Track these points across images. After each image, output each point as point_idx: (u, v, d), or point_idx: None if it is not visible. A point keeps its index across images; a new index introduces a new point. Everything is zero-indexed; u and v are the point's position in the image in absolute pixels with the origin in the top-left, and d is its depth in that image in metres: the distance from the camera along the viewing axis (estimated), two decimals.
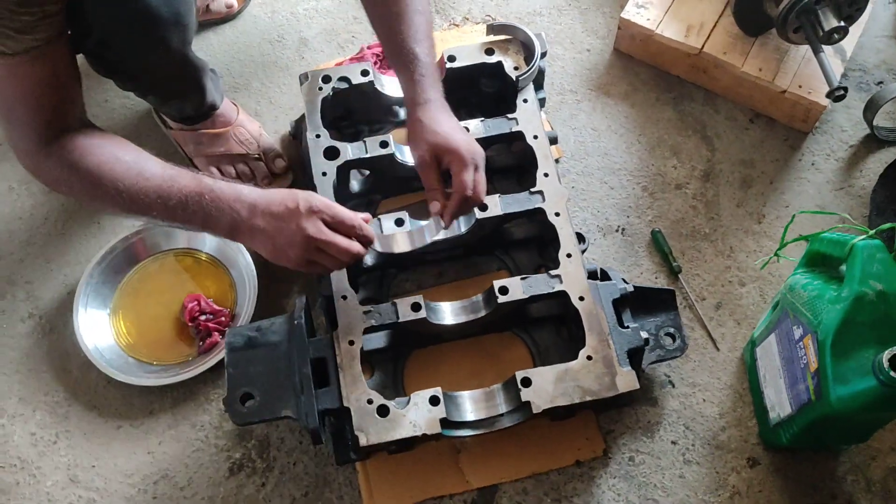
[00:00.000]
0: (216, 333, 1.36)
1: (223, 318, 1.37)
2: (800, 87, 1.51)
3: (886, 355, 0.97)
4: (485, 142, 1.38)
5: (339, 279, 1.25)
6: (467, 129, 1.35)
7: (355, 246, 1.08)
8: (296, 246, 1.05)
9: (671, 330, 1.29)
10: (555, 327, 1.37)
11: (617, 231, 1.48)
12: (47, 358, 1.36)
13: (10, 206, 1.49)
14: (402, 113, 1.53)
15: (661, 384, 1.34)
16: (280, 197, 1.06)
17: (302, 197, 1.06)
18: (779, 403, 1.21)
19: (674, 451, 1.29)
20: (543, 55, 1.43)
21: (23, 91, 0.99)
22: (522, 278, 1.25)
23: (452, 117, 1.18)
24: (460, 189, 1.12)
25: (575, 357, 1.21)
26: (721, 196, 1.51)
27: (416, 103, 1.16)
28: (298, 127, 1.53)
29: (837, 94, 1.38)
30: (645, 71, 1.64)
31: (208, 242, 1.43)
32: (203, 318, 1.36)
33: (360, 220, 1.09)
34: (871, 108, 1.52)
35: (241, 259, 1.39)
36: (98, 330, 1.35)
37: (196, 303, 1.37)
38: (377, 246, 1.16)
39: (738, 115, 1.59)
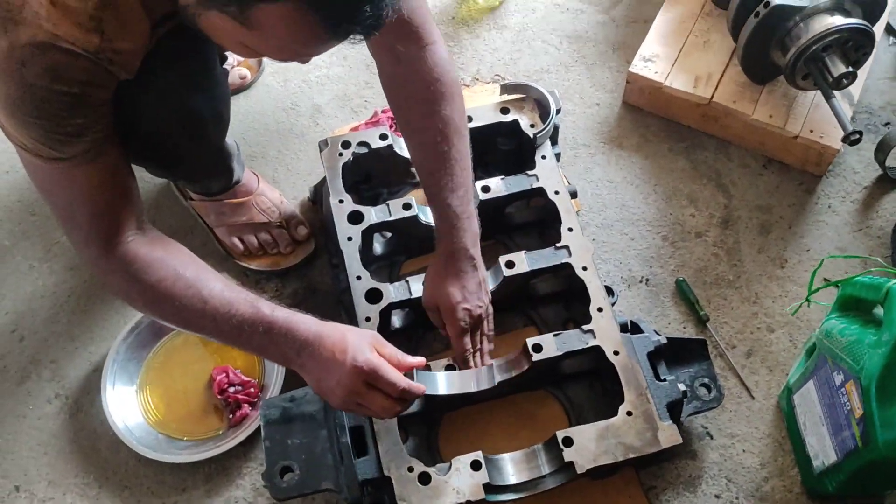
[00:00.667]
0: (246, 405, 1.34)
1: (252, 390, 1.35)
2: (811, 131, 1.53)
3: None
4: (506, 199, 1.40)
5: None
6: (488, 189, 1.37)
7: (396, 408, 1.07)
8: (335, 396, 1.05)
9: (706, 380, 1.29)
10: (588, 383, 1.35)
11: (641, 282, 1.48)
12: (75, 438, 1.34)
13: (32, 285, 1.48)
14: None
15: (699, 436, 1.33)
16: (331, 341, 1.04)
17: (352, 348, 1.04)
18: (822, 451, 1.19)
19: None
20: (558, 111, 1.45)
21: (81, 194, 1.00)
22: (555, 335, 1.24)
23: (472, 271, 1.22)
24: (457, 352, 1.22)
25: (610, 413, 1.20)
26: (741, 242, 1.52)
27: (441, 252, 1.23)
28: (318, 192, 1.54)
29: (853, 138, 1.40)
30: (655, 122, 1.66)
31: None
32: (232, 389, 1.35)
33: (406, 382, 1.05)
34: (882, 149, 1.54)
35: None
36: (126, 407, 1.33)
37: (224, 374, 1.35)
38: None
39: (750, 161, 1.61)
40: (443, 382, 1.19)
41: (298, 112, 1.69)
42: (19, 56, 0.87)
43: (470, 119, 1.43)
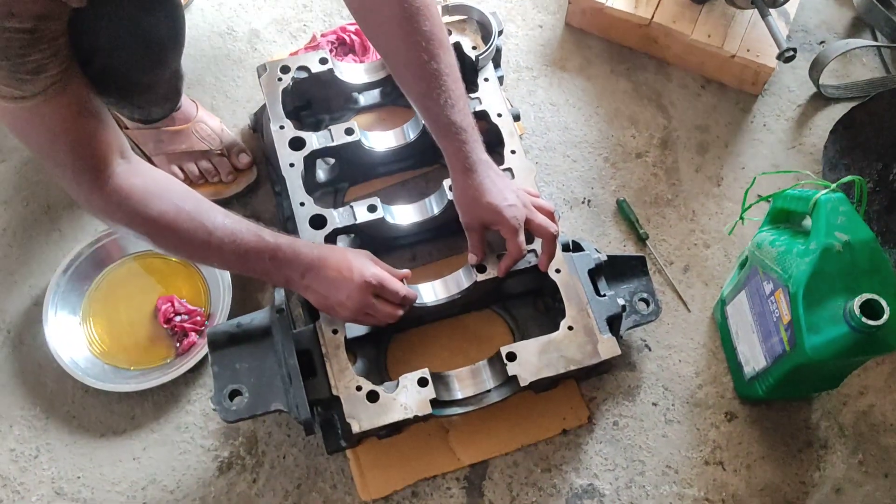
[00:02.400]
0: (193, 334, 1.34)
1: (199, 318, 1.35)
2: (748, 51, 1.55)
3: (857, 302, 1.02)
4: None
5: None
6: None
7: (398, 312, 1.20)
8: (345, 309, 1.15)
9: (645, 295, 1.33)
10: (531, 301, 1.39)
11: (583, 203, 1.50)
12: (20, 372, 1.33)
13: None
14: (363, 99, 1.53)
15: (638, 349, 1.38)
16: (335, 261, 1.15)
17: (356, 266, 1.15)
18: (753, 357, 1.25)
19: (655, 412, 1.33)
20: (500, 33, 1.45)
21: (55, 129, 0.98)
22: (499, 256, 1.26)
23: (497, 177, 1.22)
24: (515, 254, 1.22)
25: (553, 329, 1.24)
26: (680, 162, 1.55)
27: (461, 170, 1.20)
28: (258, 119, 1.52)
29: (787, 56, 1.42)
30: (597, 44, 1.66)
31: None
32: (178, 319, 1.35)
33: (405, 289, 1.19)
34: (816, 68, 1.58)
35: None
36: (70, 339, 1.32)
37: (170, 304, 1.35)
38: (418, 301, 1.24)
39: (689, 82, 1.63)
40: (427, 291, 1.27)
41: (235, 37, 1.65)
42: None
43: None
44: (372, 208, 1.29)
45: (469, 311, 1.37)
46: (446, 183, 1.31)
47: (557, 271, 1.26)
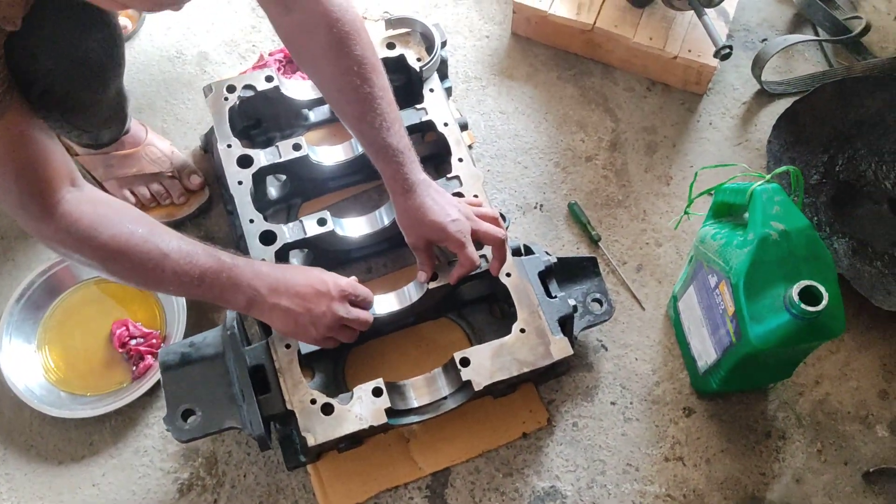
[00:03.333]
0: (149, 357, 1.34)
1: (154, 341, 1.35)
2: (689, 51, 1.58)
3: (795, 289, 1.03)
4: None
5: None
6: None
7: (370, 317, 1.20)
8: (322, 326, 1.14)
9: (597, 295, 1.34)
10: (487, 307, 1.39)
11: (535, 208, 1.52)
12: None
13: None
14: (313, 116, 1.54)
15: (595, 349, 1.39)
16: (304, 278, 1.14)
17: (330, 280, 1.16)
18: (705, 351, 1.27)
19: (614, 411, 1.34)
20: (444, 44, 1.46)
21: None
22: (450, 263, 1.27)
23: (437, 194, 1.22)
24: (467, 265, 1.22)
25: (509, 333, 1.25)
26: (629, 163, 1.57)
27: (401, 192, 1.20)
28: (208, 140, 1.52)
29: (724, 53, 1.45)
30: (543, 51, 1.69)
31: None
32: (133, 342, 1.34)
33: (367, 290, 1.21)
34: (758, 64, 1.60)
35: None
36: (25, 367, 1.32)
37: (124, 328, 1.35)
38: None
39: (635, 84, 1.65)
40: (382, 302, 1.27)
41: (184, 60, 1.66)
42: None
43: None
44: (322, 222, 1.30)
45: (425, 320, 1.38)
46: None
47: (508, 275, 1.27)
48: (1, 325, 1.33)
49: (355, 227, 1.34)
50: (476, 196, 1.33)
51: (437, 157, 1.48)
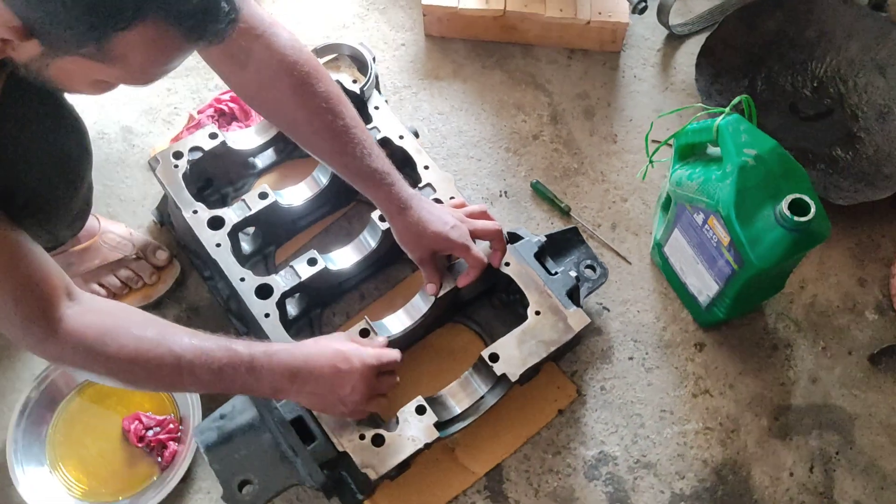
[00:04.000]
0: (171, 443, 1.29)
1: (172, 426, 1.30)
2: (600, 14, 1.64)
3: (785, 204, 1.10)
4: None
5: (277, 334, 1.23)
6: None
7: (397, 359, 1.18)
8: (350, 403, 1.11)
9: (588, 262, 1.39)
10: (487, 301, 1.41)
11: (501, 196, 1.55)
12: None
13: None
14: (259, 162, 1.52)
15: (598, 313, 1.43)
16: (326, 359, 1.10)
17: (354, 356, 1.11)
18: (704, 286, 1.33)
19: (634, 365, 1.39)
20: (374, 60, 1.47)
21: None
22: (448, 267, 1.29)
23: (430, 205, 1.24)
24: (477, 265, 1.25)
25: (515, 320, 1.28)
26: (574, 132, 1.62)
27: (397, 212, 1.21)
28: (162, 213, 1.48)
29: (640, 7, 1.52)
30: (461, 46, 1.72)
31: None
32: (151, 433, 1.29)
33: (393, 351, 1.18)
34: (663, 11, 1.69)
35: None
36: (47, 491, 1.24)
37: (137, 422, 1.29)
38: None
39: (556, 57, 1.71)
40: (393, 322, 1.27)
41: (109, 139, 1.60)
42: None
43: None
44: (312, 262, 1.29)
45: (432, 330, 1.39)
46: (374, 215, 1.32)
47: (507, 264, 1.30)
48: (8, 456, 1.25)
49: (345, 258, 1.34)
50: (452, 198, 1.35)
51: (399, 169, 1.48)
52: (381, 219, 1.31)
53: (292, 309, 1.36)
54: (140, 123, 1.62)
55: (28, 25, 0.75)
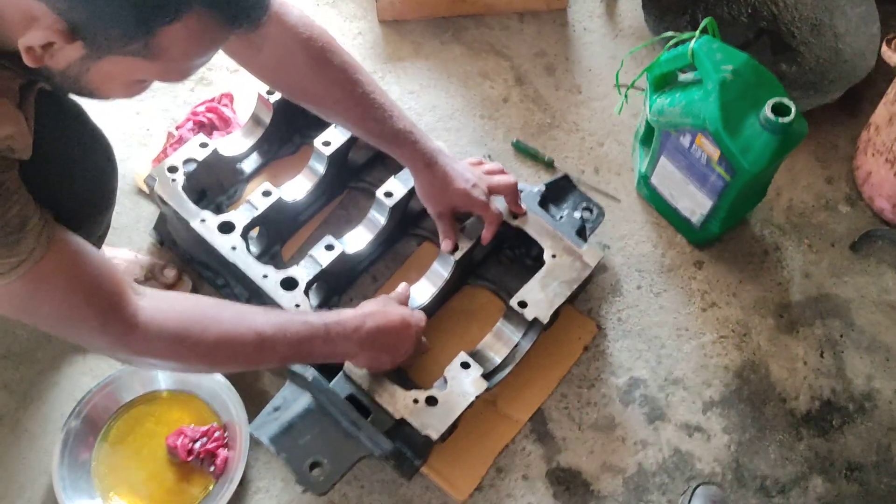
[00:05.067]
0: (221, 450, 1.29)
1: (217, 433, 1.31)
2: None
3: (768, 108, 1.19)
4: (346, 145, 1.43)
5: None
6: (328, 143, 1.40)
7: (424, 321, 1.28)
8: (398, 358, 1.20)
9: (585, 204, 1.45)
10: (496, 259, 1.46)
11: (486, 160, 1.60)
12: None
13: None
14: (247, 167, 1.53)
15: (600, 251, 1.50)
16: (388, 325, 1.17)
17: (405, 317, 1.20)
18: (697, 205, 1.41)
19: (643, 293, 1.46)
20: None
21: (63, 288, 0.92)
22: (461, 229, 1.33)
23: (452, 161, 1.30)
24: (495, 220, 1.31)
25: (527, 272, 1.33)
26: (540, 89, 1.69)
27: (423, 167, 1.27)
28: (160, 232, 1.48)
29: None
30: (416, 26, 1.76)
31: (162, 381, 1.35)
32: (198, 445, 1.29)
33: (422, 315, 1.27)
34: None
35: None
36: None
37: (182, 437, 1.29)
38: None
39: (509, 22, 1.77)
40: (418, 292, 1.32)
41: None
42: None
43: (272, 92, 1.44)
44: (329, 247, 1.31)
45: (451, 295, 1.43)
46: (380, 192, 1.35)
47: (515, 217, 1.35)
48: (59, 496, 1.23)
49: (359, 239, 1.37)
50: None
51: (382, 156, 1.52)
52: (387, 195, 1.35)
53: (313, 300, 1.38)
54: (117, 149, 1.58)
55: (73, 27, 0.75)
